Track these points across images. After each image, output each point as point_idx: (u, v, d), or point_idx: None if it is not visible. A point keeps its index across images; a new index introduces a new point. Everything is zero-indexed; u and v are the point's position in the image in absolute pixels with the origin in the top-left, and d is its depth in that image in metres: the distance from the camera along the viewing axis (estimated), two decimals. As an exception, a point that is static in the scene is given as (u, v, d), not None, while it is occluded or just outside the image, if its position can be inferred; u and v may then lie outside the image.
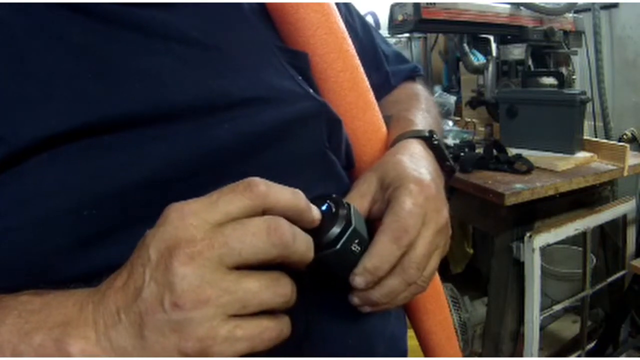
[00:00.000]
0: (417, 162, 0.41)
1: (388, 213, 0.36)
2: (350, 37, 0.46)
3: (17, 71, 0.29)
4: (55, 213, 0.28)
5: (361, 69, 0.46)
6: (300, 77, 0.41)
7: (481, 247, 1.96)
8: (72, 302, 0.26)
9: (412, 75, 0.64)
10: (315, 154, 0.40)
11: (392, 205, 0.37)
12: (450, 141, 1.55)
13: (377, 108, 0.48)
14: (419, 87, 0.62)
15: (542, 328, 1.32)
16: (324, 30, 0.43)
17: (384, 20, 1.55)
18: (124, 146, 0.30)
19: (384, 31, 1.57)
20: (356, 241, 0.33)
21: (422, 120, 0.51)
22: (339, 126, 0.43)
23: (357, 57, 0.46)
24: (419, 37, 2.38)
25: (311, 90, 0.41)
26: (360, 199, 0.39)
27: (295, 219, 0.28)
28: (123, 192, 0.30)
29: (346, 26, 0.46)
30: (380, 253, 0.34)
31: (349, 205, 0.34)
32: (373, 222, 0.38)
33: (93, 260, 0.29)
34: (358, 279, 0.34)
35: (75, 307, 0.26)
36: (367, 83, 0.46)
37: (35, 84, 0.29)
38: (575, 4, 1.57)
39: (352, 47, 0.45)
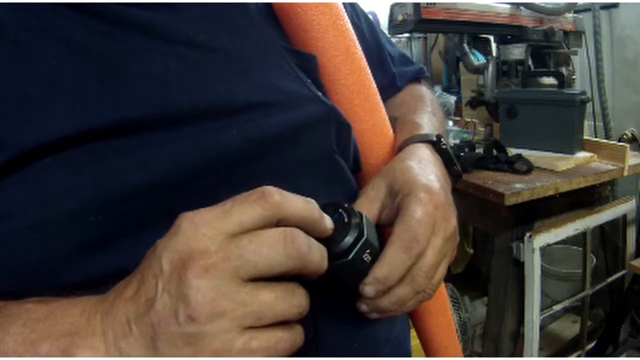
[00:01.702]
0: (425, 167, 0.41)
1: (398, 222, 0.36)
2: (357, 37, 0.45)
3: (20, 73, 0.28)
4: (60, 217, 0.27)
5: (368, 72, 0.46)
6: (309, 80, 0.40)
7: (481, 247, 1.96)
8: (79, 311, 0.26)
9: (417, 77, 0.64)
10: (323, 157, 0.40)
11: (402, 214, 0.36)
12: (450, 141, 1.55)
13: (384, 111, 0.47)
14: (424, 89, 0.62)
15: (542, 328, 1.32)
16: (332, 32, 0.42)
17: (384, 20, 1.55)
18: (129, 150, 0.30)
19: (384, 31, 1.56)
20: (367, 251, 0.33)
21: (428, 123, 0.51)
22: (348, 130, 0.42)
23: (365, 60, 0.45)
24: (419, 37, 2.37)
25: (319, 94, 0.40)
26: (369, 205, 0.39)
27: (308, 229, 0.28)
28: (128, 196, 0.29)
29: (352, 27, 0.46)
30: (391, 263, 0.34)
31: (360, 214, 0.34)
32: (382, 228, 0.38)
33: (98, 266, 0.29)
34: (368, 289, 0.34)
35: (83, 317, 0.26)
36: (374, 86, 0.46)
37: (39, 86, 0.28)
38: (575, 4, 1.57)
39: (360, 49, 0.45)
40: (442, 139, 0.46)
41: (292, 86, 0.39)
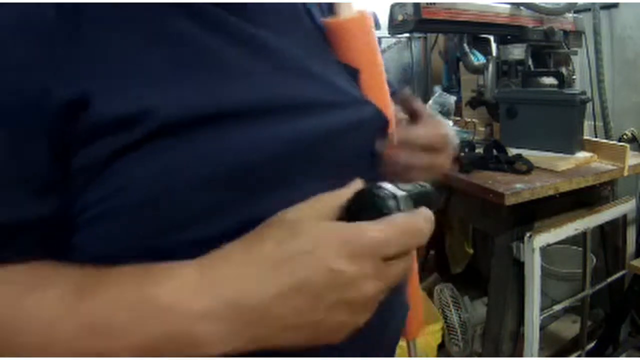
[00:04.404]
0: None
1: None
2: None
3: (169, 56, 0.33)
4: (172, 191, 0.31)
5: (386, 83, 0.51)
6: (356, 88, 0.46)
7: (481, 247, 1.96)
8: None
9: None
10: (371, 152, 0.45)
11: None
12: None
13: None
14: None
15: (542, 328, 1.32)
16: (368, 47, 0.48)
17: (384, 20, 1.54)
18: (241, 131, 0.34)
19: (384, 31, 1.57)
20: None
21: None
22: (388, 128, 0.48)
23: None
24: (419, 37, 2.38)
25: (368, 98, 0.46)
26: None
27: None
28: (242, 169, 0.33)
29: None
30: None
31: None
32: None
33: (201, 237, 0.32)
34: None
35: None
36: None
37: (172, 64, 0.33)
38: (575, 4, 1.57)
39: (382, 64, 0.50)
40: None
41: (351, 90, 0.45)
